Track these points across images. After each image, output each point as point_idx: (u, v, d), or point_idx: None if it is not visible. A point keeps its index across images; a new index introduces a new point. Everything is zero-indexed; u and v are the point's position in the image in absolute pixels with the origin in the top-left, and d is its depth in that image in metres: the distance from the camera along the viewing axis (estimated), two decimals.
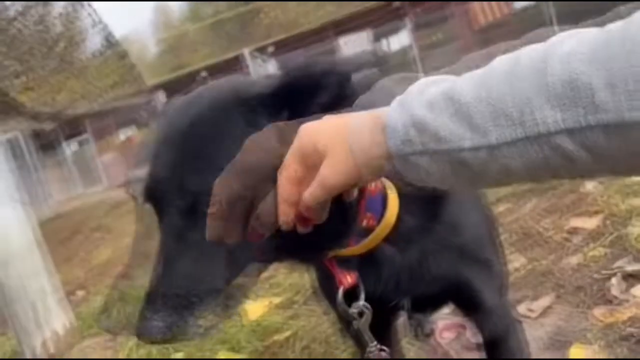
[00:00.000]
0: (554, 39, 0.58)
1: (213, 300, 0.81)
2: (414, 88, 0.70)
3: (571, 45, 0.54)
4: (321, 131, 0.75)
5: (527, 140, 0.56)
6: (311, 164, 0.75)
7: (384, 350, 1.03)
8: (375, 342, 1.02)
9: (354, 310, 0.98)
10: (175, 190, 0.82)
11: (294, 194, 0.77)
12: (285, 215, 0.77)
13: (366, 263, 0.99)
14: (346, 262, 0.98)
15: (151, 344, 0.80)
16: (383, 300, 1.03)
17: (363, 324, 0.99)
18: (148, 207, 0.90)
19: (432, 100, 0.64)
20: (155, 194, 0.86)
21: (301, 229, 0.79)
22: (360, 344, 1.21)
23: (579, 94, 0.52)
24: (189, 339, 0.81)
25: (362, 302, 0.98)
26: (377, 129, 0.69)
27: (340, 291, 0.97)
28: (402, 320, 1.65)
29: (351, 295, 0.98)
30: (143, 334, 0.78)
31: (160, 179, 0.85)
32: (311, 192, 0.75)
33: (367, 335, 1.01)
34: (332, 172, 0.73)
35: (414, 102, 0.66)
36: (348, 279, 0.98)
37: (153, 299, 0.80)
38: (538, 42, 0.60)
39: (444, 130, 0.62)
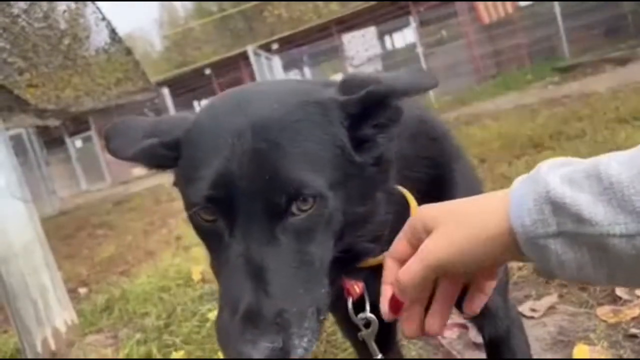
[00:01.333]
0: None
1: (312, 316, 0.73)
2: (542, 166, 0.59)
3: None
4: (434, 208, 0.70)
5: None
6: (417, 241, 0.69)
7: None
8: (379, 355, 1.01)
9: (360, 320, 0.97)
10: (264, 188, 0.72)
11: (392, 273, 0.72)
12: (384, 298, 0.74)
13: (373, 271, 0.98)
14: (354, 272, 0.96)
15: None
16: None
17: (369, 335, 0.98)
18: (210, 214, 0.77)
19: (572, 177, 0.55)
20: (230, 194, 0.74)
21: (388, 317, 0.76)
22: (360, 350, 1.21)
23: None
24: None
25: (368, 312, 0.96)
26: (501, 204, 0.60)
27: (350, 302, 0.96)
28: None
29: (357, 305, 0.97)
30: (249, 357, 0.67)
31: (240, 176, 0.73)
32: (407, 266, 0.68)
33: (372, 346, 1.00)
34: (435, 245, 0.65)
35: (549, 177, 0.56)
36: (356, 289, 0.96)
37: (256, 316, 0.69)
38: None
39: (589, 210, 0.52)
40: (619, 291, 2.03)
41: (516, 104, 9.11)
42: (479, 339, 2.02)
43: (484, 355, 1.93)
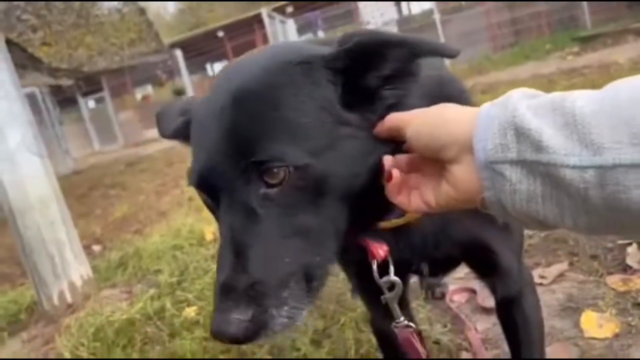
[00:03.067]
0: None
1: (295, 285, 0.72)
2: (514, 93, 0.60)
3: None
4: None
5: None
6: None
7: (410, 327, 1.03)
8: (402, 318, 1.01)
9: (384, 283, 0.97)
10: (233, 161, 0.73)
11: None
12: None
13: (395, 233, 0.97)
14: (378, 234, 0.96)
15: (231, 343, 0.70)
16: (404, 267, 1.02)
17: (392, 298, 0.99)
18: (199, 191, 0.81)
19: (539, 107, 0.55)
20: (211, 177, 0.76)
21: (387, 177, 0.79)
22: (372, 306, 1.22)
23: None
24: (274, 334, 0.71)
25: (392, 276, 0.96)
26: (468, 126, 0.61)
27: (375, 264, 0.95)
28: (413, 283, 1.66)
29: (380, 267, 0.97)
30: (222, 331, 0.68)
31: (216, 162, 0.75)
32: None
33: (395, 309, 1.00)
34: (409, 114, 0.73)
35: (518, 104, 0.57)
36: (381, 252, 0.95)
37: (229, 290, 0.70)
38: None
39: (548, 139, 0.52)
40: (630, 260, 2.04)
41: (534, 74, 8.96)
42: (487, 303, 2.06)
43: (492, 319, 1.97)
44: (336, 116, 0.76)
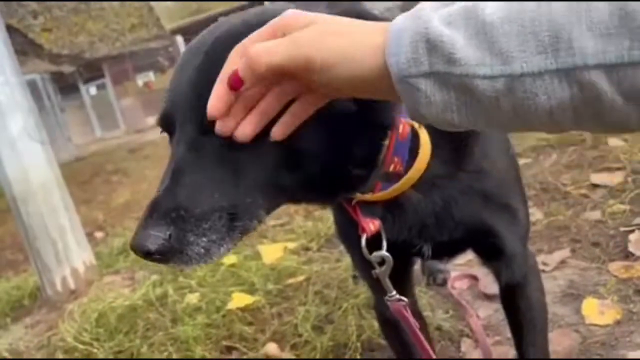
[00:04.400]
0: None
1: (218, 219, 0.74)
2: (426, 3, 0.58)
3: None
4: (313, 14, 0.64)
5: (556, 73, 0.48)
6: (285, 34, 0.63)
7: (402, 300, 1.03)
8: (394, 292, 1.01)
9: (375, 258, 0.97)
10: (191, 106, 0.77)
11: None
12: (223, 73, 0.66)
13: (390, 209, 0.97)
14: (370, 208, 0.96)
15: (144, 257, 0.72)
16: (405, 247, 1.02)
17: (383, 273, 0.98)
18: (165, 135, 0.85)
19: (450, 16, 0.54)
20: (171, 115, 0.81)
21: (221, 92, 0.68)
22: (376, 291, 1.22)
23: (626, 23, 0.44)
24: (189, 260, 0.73)
25: (384, 251, 0.96)
26: (380, 39, 0.58)
27: (364, 238, 0.95)
28: (415, 268, 1.66)
29: (374, 242, 0.96)
30: (138, 244, 0.71)
31: (177, 99, 0.80)
32: (270, 44, 0.61)
33: (386, 284, 1.00)
34: (312, 39, 0.60)
35: (430, 15, 0.56)
36: (371, 226, 0.95)
37: (155, 210, 0.73)
38: None
39: (459, 50, 0.52)
40: (632, 247, 2.03)
41: None
42: (489, 290, 2.06)
43: (493, 306, 1.97)
44: None
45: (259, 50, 0.61)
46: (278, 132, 0.72)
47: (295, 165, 0.78)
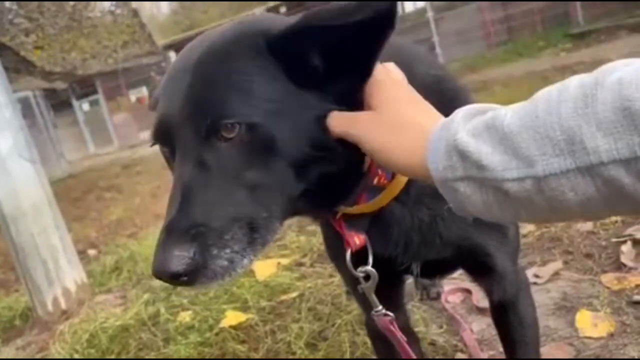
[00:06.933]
0: (604, 67, 0.54)
1: (238, 229, 0.74)
2: (459, 113, 0.66)
3: (623, 73, 0.50)
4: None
5: (578, 171, 0.52)
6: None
7: (388, 315, 1.03)
8: (380, 307, 1.01)
9: (360, 273, 0.97)
10: (192, 117, 0.77)
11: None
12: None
13: (376, 224, 0.97)
14: (355, 223, 0.96)
15: (171, 281, 0.71)
16: (392, 263, 1.01)
17: (368, 288, 0.99)
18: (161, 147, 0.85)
19: (475, 128, 0.62)
20: (168, 126, 0.80)
21: None
22: (365, 306, 1.21)
23: (633, 121, 0.48)
24: (214, 276, 0.72)
25: (369, 266, 0.96)
26: (421, 145, 0.68)
27: (348, 253, 0.96)
28: (408, 283, 1.66)
29: (361, 258, 0.96)
30: (163, 269, 0.69)
31: (175, 108, 0.79)
32: (343, 115, 0.76)
33: (372, 299, 1.00)
34: (369, 129, 0.73)
35: (459, 127, 0.63)
36: (356, 240, 0.96)
37: (172, 231, 0.72)
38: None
39: (485, 158, 0.59)
40: (624, 258, 2.04)
41: (527, 71, 8.97)
42: (482, 304, 2.05)
43: (487, 320, 1.96)
44: (287, 89, 0.78)
45: (334, 117, 0.78)
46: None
47: (300, 176, 0.79)
